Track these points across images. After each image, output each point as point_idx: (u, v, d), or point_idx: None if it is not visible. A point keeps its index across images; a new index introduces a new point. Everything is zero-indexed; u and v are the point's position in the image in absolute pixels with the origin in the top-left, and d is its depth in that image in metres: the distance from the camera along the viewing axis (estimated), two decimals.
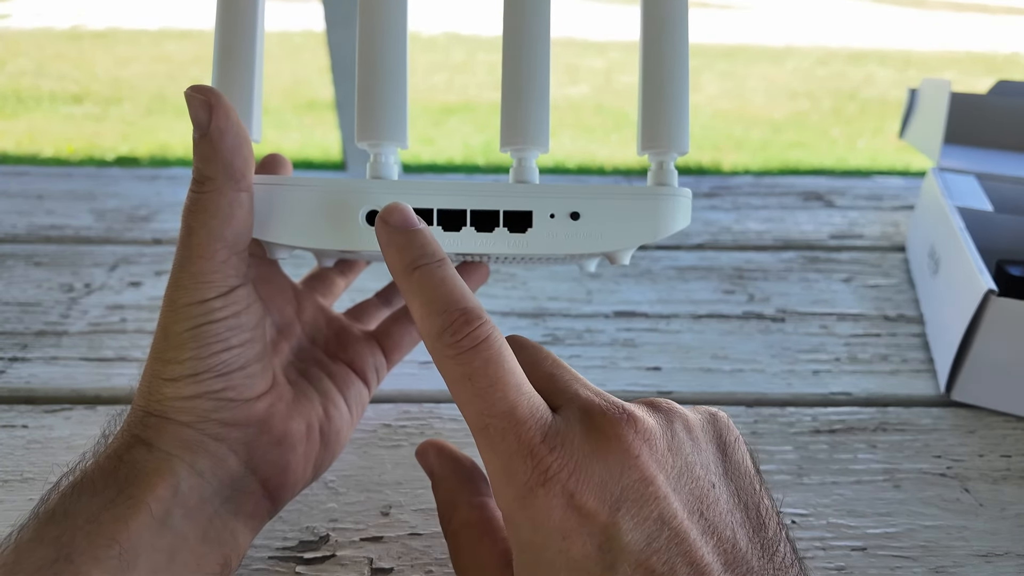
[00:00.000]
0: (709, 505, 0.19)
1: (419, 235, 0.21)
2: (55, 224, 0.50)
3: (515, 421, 0.19)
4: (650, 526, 0.18)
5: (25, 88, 2.58)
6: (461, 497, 0.23)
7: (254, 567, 0.25)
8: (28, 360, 0.36)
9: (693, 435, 0.20)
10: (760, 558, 0.19)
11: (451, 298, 0.19)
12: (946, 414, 0.34)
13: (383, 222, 0.21)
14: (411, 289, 0.20)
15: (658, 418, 0.20)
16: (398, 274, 0.20)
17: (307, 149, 2.01)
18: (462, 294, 0.20)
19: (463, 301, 0.19)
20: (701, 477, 0.19)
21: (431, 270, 0.20)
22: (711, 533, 0.18)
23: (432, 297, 0.19)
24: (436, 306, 0.19)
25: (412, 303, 0.20)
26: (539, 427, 0.19)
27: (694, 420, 0.21)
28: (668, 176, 0.25)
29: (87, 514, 0.20)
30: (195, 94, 0.21)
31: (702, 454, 0.20)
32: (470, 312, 0.19)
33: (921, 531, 0.27)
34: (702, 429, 0.21)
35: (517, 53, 0.24)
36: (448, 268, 0.20)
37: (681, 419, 0.21)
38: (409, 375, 0.36)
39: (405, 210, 0.21)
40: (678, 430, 0.20)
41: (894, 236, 0.51)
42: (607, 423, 0.19)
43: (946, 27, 4.67)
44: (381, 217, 0.21)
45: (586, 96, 2.71)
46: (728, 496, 0.20)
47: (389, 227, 0.21)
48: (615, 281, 0.45)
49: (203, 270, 0.22)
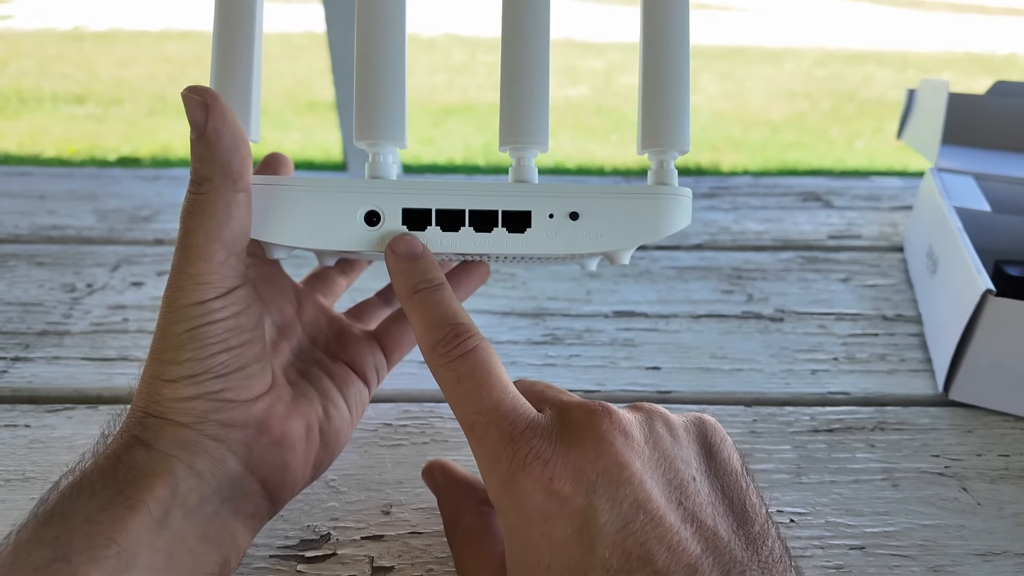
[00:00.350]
0: (688, 495, 0.20)
1: (420, 262, 0.23)
2: (57, 224, 0.50)
3: (499, 415, 0.20)
4: (626, 509, 0.19)
5: (27, 88, 2.58)
6: (465, 507, 0.25)
7: (255, 566, 0.26)
8: (30, 360, 0.37)
9: (674, 432, 0.22)
10: (744, 550, 0.19)
11: (445, 316, 0.22)
12: (944, 413, 0.34)
13: (391, 251, 0.23)
14: (412, 309, 0.23)
15: (637, 415, 0.22)
16: (402, 296, 0.23)
17: (308, 150, 2.01)
18: (455, 313, 0.22)
19: (455, 318, 0.22)
20: (681, 470, 0.20)
21: (429, 293, 0.22)
22: (690, 521, 0.19)
23: (429, 316, 0.22)
24: (432, 323, 0.22)
25: (413, 321, 0.23)
26: (521, 420, 0.20)
27: (676, 420, 0.22)
28: (668, 175, 0.24)
29: (85, 514, 0.20)
30: (192, 95, 0.21)
31: (683, 450, 0.21)
32: (460, 327, 0.22)
33: (919, 530, 0.28)
34: (684, 428, 0.22)
35: (516, 51, 0.24)
36: (444, 291, 0.23)
37: (661, 418, 0.22)
38: (410, 375, 0.36)
39: (410, 240, 0.23)
40: (657, 427, 0.21)
41: (892, 236, 0.51)
42: (583, 414, 0.20)
43: (944, 28, 4.68)
44: (389, 247, 0.23)
45: (585, 97, 2.71)
46: (710, 490, 0.20)
47: (396, 255, 0.23)
48: (615, 281, 0.45)
49: (201, 271, 0.22)
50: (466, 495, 0.25)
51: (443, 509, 0.26)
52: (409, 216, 0.24)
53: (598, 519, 0.18)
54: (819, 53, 3.65)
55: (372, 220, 0.23)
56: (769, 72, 3.21)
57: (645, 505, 0.19)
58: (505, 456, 0.20)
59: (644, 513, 0.18)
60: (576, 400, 0.21)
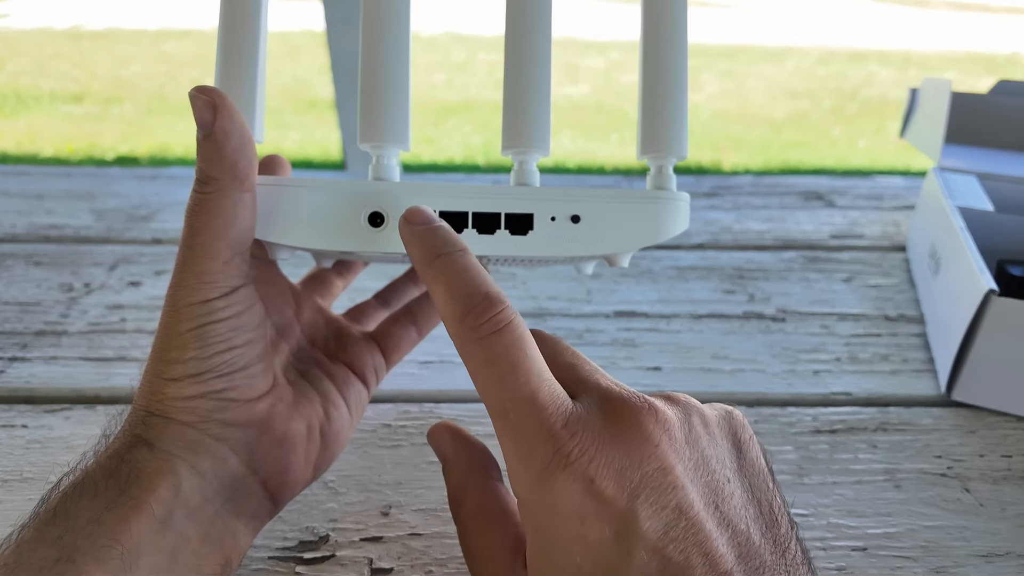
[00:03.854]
0: (724, 499, 0.19)
1: (440, 229, 0.21)
2: (55, 224, 0.50)
3: (537, 406, 0.19)
4: (668, 515, 0.18)
5: (25, 88, 2.58)
6: (473, 481, 0.23)
7: (254, 567, 0.25)
8: (28, 360, 0.36)
9: (709, 430, 0.21)
10: (773, 553, 0.19)
11: (474, 283, 0.20)
12: (947, 414, 0.34)
13: (406, 222, 0.21)
14: (434, 276, 0.20)
15: (676, 410, 0.20)
16: (421, 264, 0.21)
17: (307, 148, 2.01)
18: (484, 280, 0.20)
19: (486, 286, 0.20)
20: (717, 471, 0.20)
21: (454, 257, 0.20)
22: (726, 526, 0.19)
23: (455, 282, 0.20)
24: (459, 290, 0.20)
25: (435, 289, 0.20)
26: (560, 413, 0.19)
27: (711, 415, 0.21)
28: (667, 180, 0.25)
29: (89, 514, 0.20)
30: (199, 95, 0.21)
31: (718, 449, 0.20)
32: (493, 297, 0.19)
33: (921, 531, 0.27)
34: (718, 425, 0.21)
35: (519, 58, 0.24)
36: (470, 257, 0.21)
37: (698, 413, 0.21)
38: (409, 375, 0.36)
39: (426, 210, 0.22)
40: (695, 424, 0.20)
41: (895, 236, 0.51)
42: (628, 411, 0.19)
43: (947, 27, 4.67)
44: (404, 218, 0.21)
45: (586, 96, 2.71)
46: (742, 491, 0.20)
47: (412, 225, 0.21)
48: (615, 281, 0.45)
49: (206, 270, 0.22)
50: (475, 467, 0.24)
51: (448, 479, 0.24)
52: None
53: (640, 524, 0.18)
54: (821, 52, 3.64)
55: (376, 221, 0.24)
56: (771, 71, 3.21)
57: (687, 512, 0.18)
58: (543, 452, 0.18)
59: (686, 519, 0.18)
60: (615, 390, 0.20)
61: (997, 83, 0.54)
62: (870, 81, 3.04)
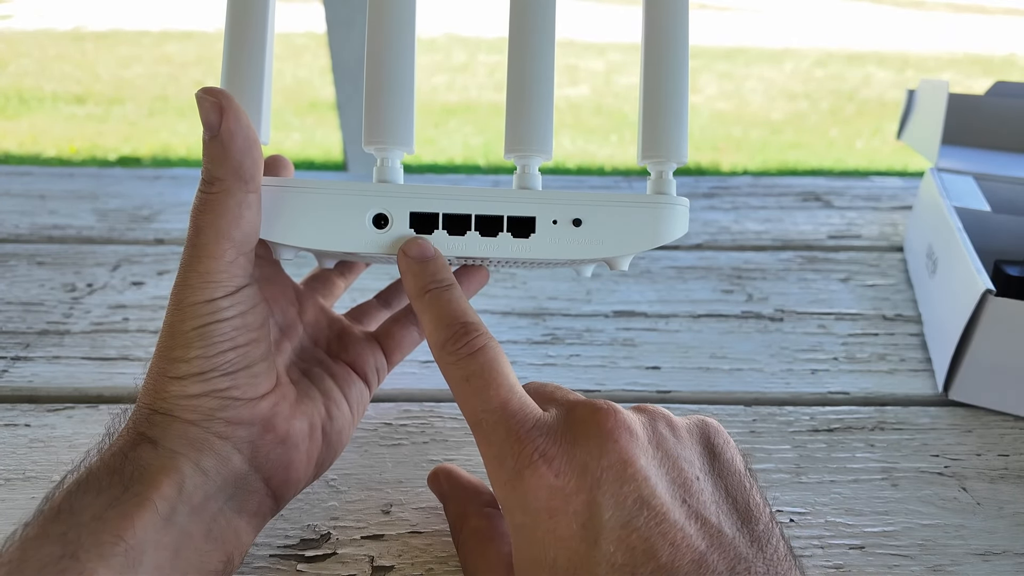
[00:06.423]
0: (693, 494, 0.20)
1: (431, 264, 0.24)
2: (57, 224, 0.50)
3: (507, 414, 0.21)
4: (630, 505, 0.19)
5: (27, 88, 2.58)
6: (471, 509, 0.25)
7: (256, 565, 0.26)
8: (31, 359, 0.37)
9: (677, 433, 0.22)
10: (749, 547, 0.19)
11: (454, 315, 0.22)
12: (944, 413, 0.34)
13: (403, 254, 0.24)
14: (423, 308, 0.23)
15: (642, 416, 0.22)
16: (413, 296, 0.24)
17: (308, 149, 2.01)
18: (464, 311, 0.23)
19: (464, 316, 0.22)
20: (685, 469, 0.21)
21: (440, 292, 0.23)
22: (694, 517, 0.19)
23: (439, 314, 0.23)
24: (442, 321, 0.22)
25: (423, 320, 0.23)
26: (528, 419, 0.21)
27: (679, 422, 0.22)
28: (667, 185, 0.25)
29: (92, 511, 0.20)
30: (206, 96, 0.22)
31: (686, 450, 0.21)
32: (469, 325, 0.22)
33: (919, 530, 0.28)
34: (687, 430, 0.22)
35: (522, 64, 0.25)
36: (454, 291, 0.23)
37: (665, 419, 0.22)
38: (410, 374, 0.36)
39: (422, 243, 0.24)
40: (660, 427, 0.22)
41: (892, 236, 0.51)
42: (588, 412, 0.21)
43: (944, 28, 4.68)
44: (402, 250, 0.24)
45: (586, 97, 2.72)
46: (714, 489, 0.21)
47: (408, 258, 0.24)
48: (614, 281, 0.45)
49: (211, 269, 0.22)
50: (472, 498, 0.25)
51: (449, 513, 0.26)
52: (417, 220, 0.24)
53: (602, 514, 0.19)
54: (819, 53, 3.65)
55: (380, 223, 0.24)
56: (769, 72, 3.22)
57: (649, 501, 0.19)
58: (511, 454, 0.20)
59: (648, 509, 0.19)
60: (582, 399, 0.22)
61: (994, 84, 0.54)
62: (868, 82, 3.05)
